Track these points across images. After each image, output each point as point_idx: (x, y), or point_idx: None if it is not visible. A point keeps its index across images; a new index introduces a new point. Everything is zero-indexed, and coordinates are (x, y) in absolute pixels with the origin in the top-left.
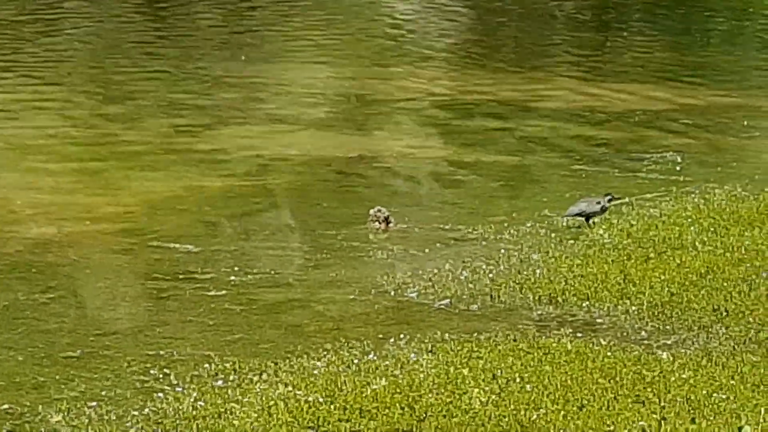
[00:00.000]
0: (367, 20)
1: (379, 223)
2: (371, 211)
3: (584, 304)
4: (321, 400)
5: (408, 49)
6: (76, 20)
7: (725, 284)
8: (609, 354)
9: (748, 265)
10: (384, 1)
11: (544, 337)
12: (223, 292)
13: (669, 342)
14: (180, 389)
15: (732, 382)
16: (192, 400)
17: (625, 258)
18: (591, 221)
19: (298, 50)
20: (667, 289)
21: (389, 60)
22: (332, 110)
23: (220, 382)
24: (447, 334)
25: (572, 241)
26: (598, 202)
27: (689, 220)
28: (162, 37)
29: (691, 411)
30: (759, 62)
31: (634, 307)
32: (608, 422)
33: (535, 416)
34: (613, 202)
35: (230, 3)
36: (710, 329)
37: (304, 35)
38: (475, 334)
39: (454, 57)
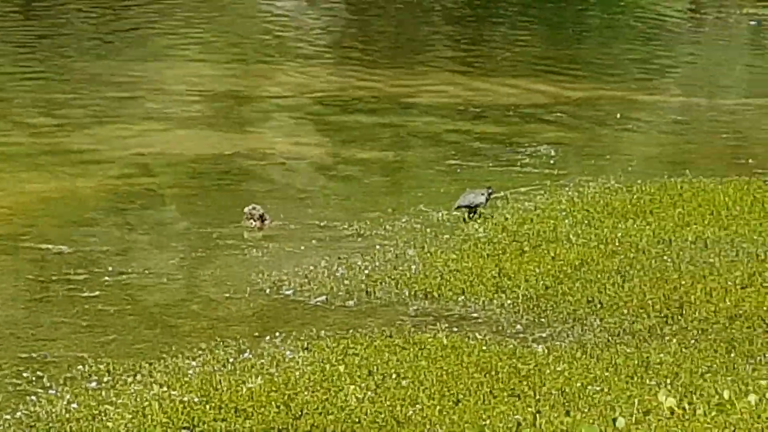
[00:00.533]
0: (246, 18)
1: (255, 220)
2: (246, 209)
3: (460, 299)
4: (196, 399)
5: (287, 46)
6: None
7: (599, 276)
8: (485, 348)
9: (622, 256)
10: (258, 2)
11: (420, 333)
12: (97, 293)
13: (544, 335)
14: (53, 391)
15: (606, 374)
16: (65, 402)
17: (500, 252)
18: (477, 212)
19: (176, 48)
20: (541, 282)
21: (268, 57)
22: (211, 108)
23: (93, 384)
24: (323, 331)
25: (448, 236)
26: (482, 194)
27: (563, 213)
28: (38, 36)
29: (566, 403)
30: (632, 55)
31: (509, 301)
32: (484, 416)
33: (411, 412)
34: (492, 195)
35: (107, 1)
36: (585, 321)
37: (183, 33)
38: (351, 331)
39: (333, 53)
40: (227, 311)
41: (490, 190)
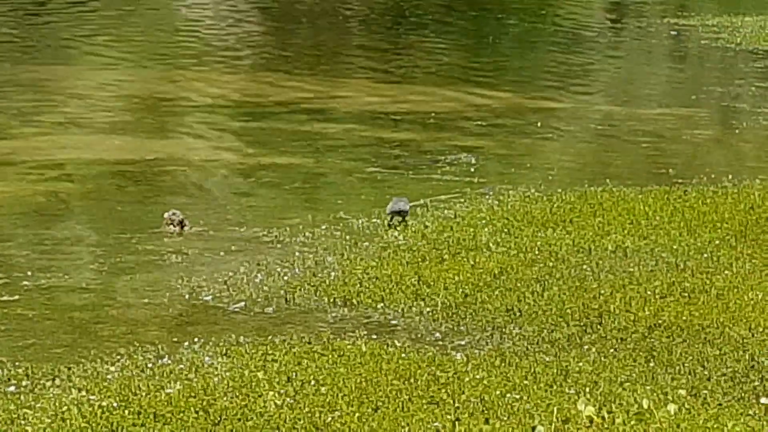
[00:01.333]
0: (164, 23)
1: (174, 226)
2: (166, 215)
3: (379, 306)
4: (115, 404)
5: (205, 52)
6: None
7: (519, 285)
8: (404, 355)
9: (542, 265)
10: (179, 5)
11: (339, 339)
12: (16, 297)
13: (463, 343)
14: None
15: (525, 382)
16: None
17: (419, 259)
18: (406, 219)
19: (93, 53)
20: (461, 290)
21: (186, 63)
22: (129, 114)
23: (12, 388)
24: (242, 337)
25: (367, 244)
26: (407, 202)
27: (483, 221)
28: None
29: (485, 411)
30: (551, 64)
31: (428, 309)
32: (403, 424)
33: (330, 419)
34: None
35: (21, 3)
36: (504, 330)
37: (98, 38)
38: (270, 337)
39: (251, 60)
40: (146, 316)
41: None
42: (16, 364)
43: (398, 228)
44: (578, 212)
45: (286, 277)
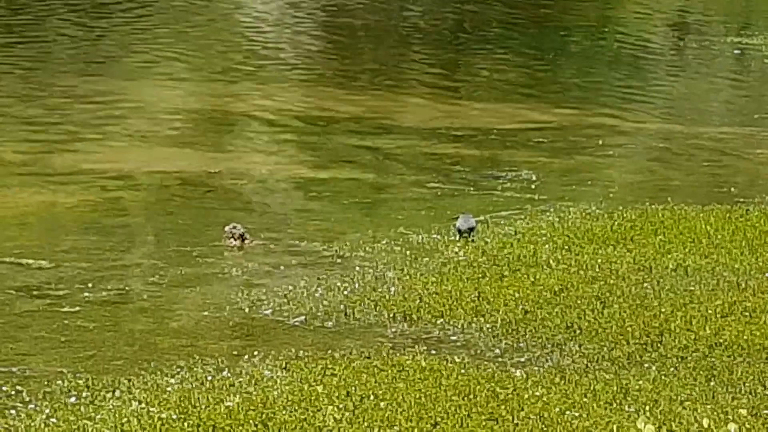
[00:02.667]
0: (225, 37)
1: (235, 239)
2: (227, 228)
3: (439, 322)
4: (174, 417)
5: (264, 66)
6: None
7: (579, 302)
8: (463, 371)
9: (602, 282)
10: (241, 19)
11: (398, 355)
12: (77, 308)
13: (522, 359)
14: (32, 406)
15: (585, 399)
16: (44, 417)
17: (479, 275)
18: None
19: (156, 66)
20: (521, 306)
21: (245, 77)
22: (191, 127)
23: (72, 399)
24: (301, 351)
25: (427, 259)
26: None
27: (544, 238)
28: (17, 54)
29: (544, 429)
30: (613, 81)
31: (488, 325)
32: None
33: None
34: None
35: (86, 17)
36: (563, 347)
37: (162, 51)
38: (330, 351)
39: (310, 75)
40: (206, 329)
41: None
42: (77, 375)
43: (458, 244)
44: (639, 230)
45: (346, 292)
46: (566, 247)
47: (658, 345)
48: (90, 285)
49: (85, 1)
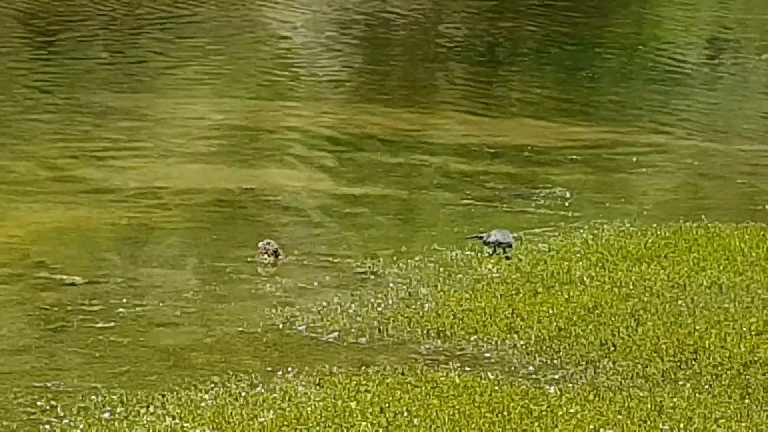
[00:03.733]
0: (260, 53)
1: (268, 255)
2: (260, 244)
3: (472, 338)
4: None
5: (297, 82)
6: None
7: (613, 319)
8: (497, 388)
9: (636, 300)
10: (276, 36)
11: (432, 371)
12: (111, 324)
13: (556, 376)
14: (67, 421)
15: (619, 417)
16: (79, 431)
17: (513, 292)
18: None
19: (187, 82)
20: (555, 323)
21: (279, 93)
22: (224, 142)
23: (107, 414)
24: (335, 367)
25: (461, 276)
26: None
27: (578, 255)
28: (50, 70)
29: None
30: (647, 99)
31: (522, 342)
32: None
33: None
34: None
35: (118, 33)
36: (598, 364)
37: (194, 67)
38: (363, 368)
39: (343, 91)
40: (240, 345)
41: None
42: (111, 390)
43: (492, 260)
44: (673, 247)
45: (379, 308)
46: (600, 264)
47: (693, 362)
48: (124, 300)
49: (122, 18)
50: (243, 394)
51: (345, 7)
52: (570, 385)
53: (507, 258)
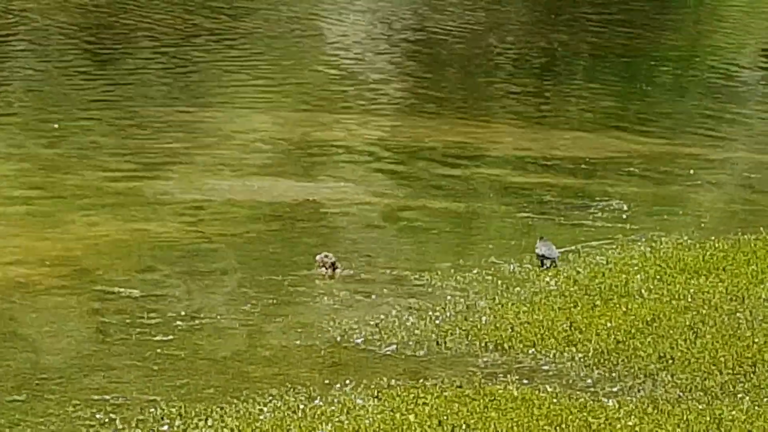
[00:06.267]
0: (312, 65)
1: (326, 268)
2: (318, 257)
3: (530, 351)
4: None
5: (352, 95)
6: (19, 64)
7: (671, 332)
8: (555, 401)
9: (694, 312)
10: (327, 49)
11: (490, 384)
12: (170, 337)
13: (615, 389)
14: None
15: (678, 429)
16: None
17: (571, 305)
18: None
19: (242, 95)
20: (613, 336)
21: (333, 106)
22: (277, 156)
23: (165, 427)
24: (393, 380)
25: (519, 288)
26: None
27: (635, 267)
28: (106, 82)
29: None
30: (703, 111)
31: (580, 354)
32: None
33: None
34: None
35: (173, 47)
36: (656, 377)
37: (248, 80)
38: (421, 380)
39: (399, 103)
40: (298, 358)
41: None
42: (170, 403)
43: (550, 273)
44: (731, 260)
45: (437, 321)
46: (658, 277)
47: (752, 375)
48: (182, 313)
49: (175, 31)
50: (301, 406)
51: (399, 20)
52: (628, 398)
53: (555, 266)
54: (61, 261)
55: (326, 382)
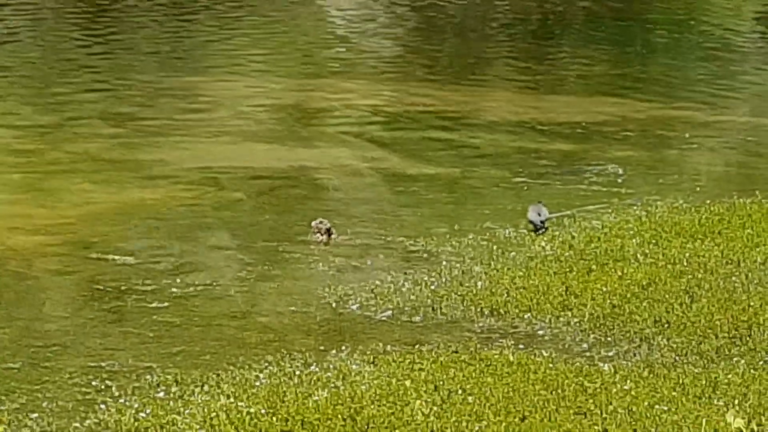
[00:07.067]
0: (311, 33)
1: (321, 234)
2: (313, 223)
3: (526, 316)
4: (263, 411)
5: (348, 61)
6: (14, 32)
7: (667, 296)
8: (551, 366)
9: (690, 276)
10: (327, 16)
11: (486, 349)
12: (165, 304)
13: (611, 354)
14: (122, 401)
15: (674, 393)
16: (134, 411)
17: (567, 270)
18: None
19: (238, 62)
20: (608, 300)
21: (333, 72)
22: (277, 122)
23: (161, 394)
24: (389, 346)
25: (514, 254)
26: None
27: (631, 232)
28: (102, 50)
29: (633, 422)
30: (699, 75)
31: (575, 319)
32: None
33: (477, 428)
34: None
35: (170, 14)
36: (652, 341)
37: (244, 47)
38: (417, 346)
39: (394, 70)
40: (293, 324)
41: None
42: (166, 370)
43: (545, 238)
44: (727, 224)
45: (433, 287)
46: (654, 241)
47: (747, 339)
48: (177, 281)
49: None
50: (297, 373)
51: None
52: (624, 362)
53: (536, 232)
54: (56, 229)
55: (322, 348)
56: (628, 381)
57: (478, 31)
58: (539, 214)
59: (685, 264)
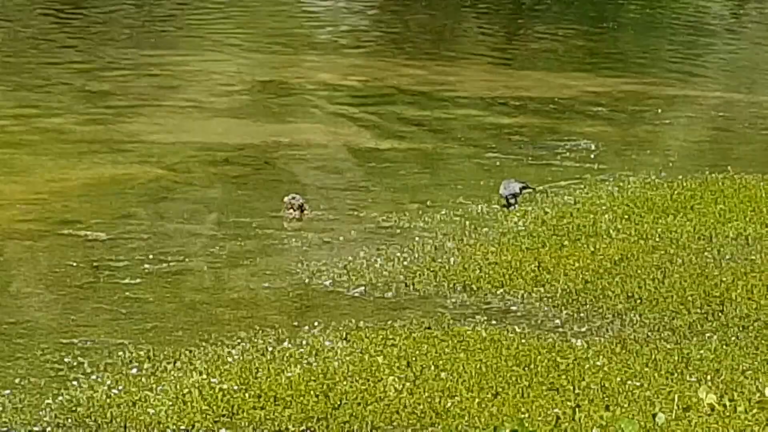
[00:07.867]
0: (281, 9)
1: (294, 210)
2: (286, 199)
3: (499, 292)
4: (235, 387)
5: (320, 37)
6: None
7: (639, 271)
8: (523, 341)
9: (662, 252)
10: None
11: (458, 325)
12: (137, 280)
13: (583, 329)
14: (94, 377)
15: (646, 369)
16: (106, 388)
17: (539, 245)
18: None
19: (214, 38)
20: (581, 276)
21: (302, 48)
22: (250, 98)
23: (134, 370)
24: (361, 322)
25: (486, 229)
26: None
27: (603, 207)
28: (75, 26)
29: (606, 398)
30: (672, 50)
31: (548, 295)
32: (523, 409)
33: (449, 404)
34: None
35: None
36: (624, 316)
37: (218, 23)
38: (390, 322)
39: (366, 45)
40: (266, 300)
41: (522, 185)
42: (138, 346)
43: (518, 214)
44: (699, 199)
45: (405, 263)
46: (626, 217)
47: (720, 314)
48: (150, 257)
49: None
50: (270, 349)
51: None
52: (597, 338)
53: (507, 206)
54: (27, 205)
55: (295, 324)
56: (601, 357)
57: (450, 7)
58: (512, 190)
59: (658, 239)
